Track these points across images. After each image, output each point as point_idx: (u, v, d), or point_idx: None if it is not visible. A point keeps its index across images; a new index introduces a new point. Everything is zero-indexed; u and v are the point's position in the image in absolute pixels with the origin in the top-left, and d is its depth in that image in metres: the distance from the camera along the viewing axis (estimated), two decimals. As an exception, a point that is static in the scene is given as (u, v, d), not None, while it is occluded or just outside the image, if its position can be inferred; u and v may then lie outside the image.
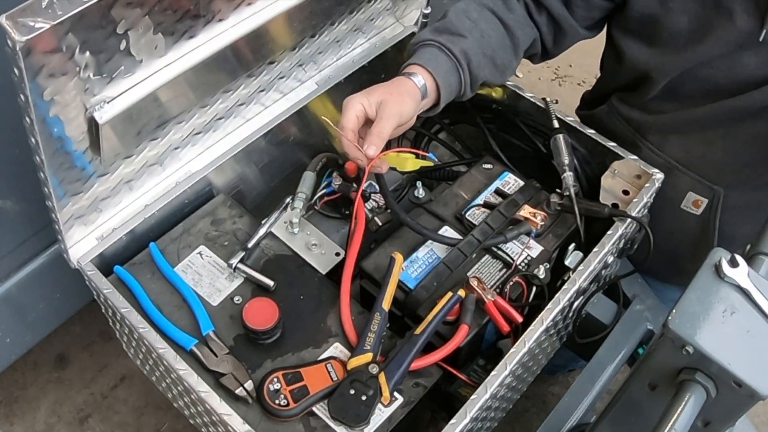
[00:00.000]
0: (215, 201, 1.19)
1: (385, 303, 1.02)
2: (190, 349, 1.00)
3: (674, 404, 0.72)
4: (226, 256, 1.11)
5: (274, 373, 0.97)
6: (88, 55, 0.80)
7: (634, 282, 1.28)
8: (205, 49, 0.96)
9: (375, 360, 0.97)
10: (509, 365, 0.97)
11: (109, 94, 0.88)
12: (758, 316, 0.73)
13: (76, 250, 1.07)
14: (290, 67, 1.24)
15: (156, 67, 0.92)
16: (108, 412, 1.67)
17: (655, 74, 1.16)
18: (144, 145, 1.05)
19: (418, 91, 1.06)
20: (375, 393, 0.94)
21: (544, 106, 1.27)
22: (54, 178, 0.91)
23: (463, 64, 1.10)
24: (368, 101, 1.02)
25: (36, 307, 1.38)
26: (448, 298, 1.02)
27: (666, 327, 0.72)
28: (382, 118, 1.00)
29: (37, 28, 0.69)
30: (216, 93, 1.11)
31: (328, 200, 1.24)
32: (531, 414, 1.68)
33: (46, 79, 0.77)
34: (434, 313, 1.01)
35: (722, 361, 0.71)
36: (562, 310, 1.05)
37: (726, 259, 0.75)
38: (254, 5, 0.99)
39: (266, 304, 1.01)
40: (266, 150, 1.27)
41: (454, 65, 1.10)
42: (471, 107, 1.34)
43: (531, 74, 2.42)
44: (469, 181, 1.20)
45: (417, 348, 0.98)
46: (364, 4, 1.26)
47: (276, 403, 0.94)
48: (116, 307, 1.02)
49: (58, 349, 1.76)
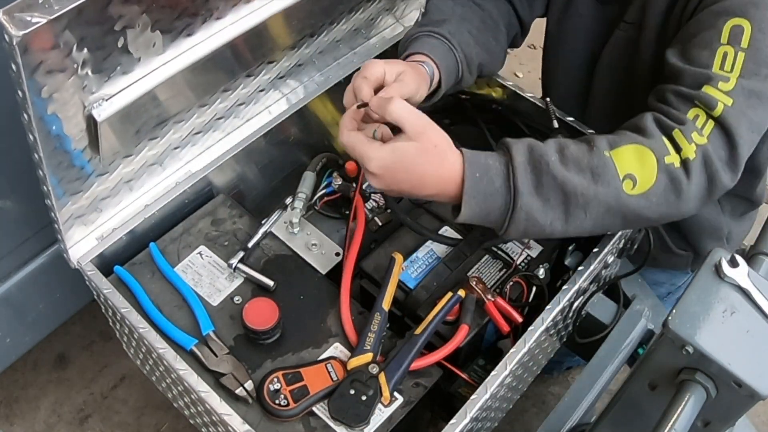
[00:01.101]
0: (215, 201, 1.19)
1: (385, 303, 1.02)
2: (190, 349, 1.00)
3: (674, 404, 0.72)
4: (226, 256, 1.11)
5: (274, 373, 0.96)
6: (85, 52, 0.79)
7: (634, 282, 1.27)
8: (203, 48, 0.95)
9: (375, 360, 0.97)
10: (509, 365, 0.97)
11: (107, 91, 0.88)
12: (758, 316, 0.73)
13: (76, 250, 1.07)
14: (290, 67, 1.24)
15: (154, 65, 0.92)
16: (108, 412, 1.67)
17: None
18: (143, 144, 1.05)
19: (429, 77, 1.08)
20: (375, 393, 0.94)
21: (544, 106, 1.27)
22: (53, 176, 0.91)
23: (454, 42, 1.12)
24: (390, 69, 1.00)
25: (36, 307, 1.38)
26: (448, 298, 1.02)
27: (666, 327, 0.72)
28: (403, 82, 0.99)
29: (34, 22, 0.69)
30: (215, 92, 1.11)
31: (328, 200, 1.24)
32: (531, 414, 1.67)
33: (44, 75, 0.77)
34: (434, 313, 1.00)
35: (722, 361, 0.70)
36: (562, 310, 1.05)
37: (726, 259, 0.75)
38: (252, 3, 0.99)
39: (266, 304, 1.01)
40: (266, 150, 1.27)
41: (448, 47, 1.12)
42: (471, 107, 1.33)
43: (531, 74, 2.42)
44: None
45: (417, 348, 0.98)
46: (364, 4, 1.26)
47: (276, 403, 0.94)
48: (116, 307, 1.02)
49: (58, 349, 1.76)
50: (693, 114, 0.93)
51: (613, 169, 0.90)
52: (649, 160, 0.90)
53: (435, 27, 1.13)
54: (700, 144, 0.91)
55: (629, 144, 0.91)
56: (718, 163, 0.92)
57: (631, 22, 1.18)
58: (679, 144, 0.91)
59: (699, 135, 0.92)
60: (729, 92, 0.93)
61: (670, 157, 0.91)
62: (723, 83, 0.93)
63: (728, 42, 0.95)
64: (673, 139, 0.92)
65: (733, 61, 0.94)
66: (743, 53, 0.94)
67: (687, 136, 0.91)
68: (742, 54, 0.94)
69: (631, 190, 0.90)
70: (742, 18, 0.95)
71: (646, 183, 0.90)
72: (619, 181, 0.89)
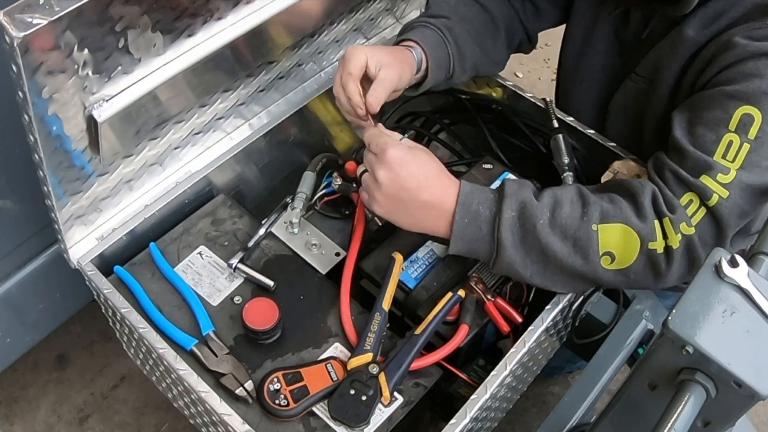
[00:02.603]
0: (215, 201, 1.19)
1: (385, 303, 1.02)
2: (190, 349, 1.00)
3: (674, 404, 0.72)
4: (226, 256, 1.11)
5: (274, 373, 0.97)
6: (86, 52, 0.80)
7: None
8: (203, 48, 0.95)
9: (375, 360, 0.97)
10: (509, 365, 0.97)
11: (107, 92, 0.88)
12: (758, 316, 0.73)
13: (76, 250, 1.07)
14: (290, 67, 1.24)
15: (155, 65, 0.92)
16: (108, 412, 1.67)
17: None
18: (144, 144, 1.05)
19: (415, 62, 1.11)
20: (375, 393, 0.94)
21: (544, 106, 1.27)
22: (53, 176, 0.91)
23: (448, 37, 1.15)
24: (372, 57, 1.04)
25: (36, 307, 1.38)
26: (448, 298, 1.02)
27: (666, 327, 0.72)
28: (384, 80, 1.04)
29: (35, 24, 0.69)
30: (216, 93, 1.11)
31: (328, 200, 1.24)
32: (531, 414, 1.67)
33: (45, 76, 0.77)
34: (434, 313, 1.00)
35: (722, 361, 0.70)
36: (562, 310, 1.05)
37: (726, 259, 0.74)
38: (253, 4, 0.99)
39: (266, 304, 1.01)
40: (266, 150, 1.27)
41: (442, 39, 1.14)
42: (471, 107, 1.33)
43: (531, 74, 2.42)
44: (469, 181, 1.20)
45: (417, 348, 0.98)
46: (363, 4, 1.26)
47: (276, 404, 0.94)
48: (116, 307, 1.02)
49: (58, 349, 1.76)
50: (687, 199, 0.94)
51: (596, 244, 0.92)
52: (633, 243, 0.92)
53: (433, 20, 1.15)
54: (686, 234, 0.92)
55: (619, 223, 0.93)
56: (701, 249, 0.93)
57: (642, 76, 1.17)
58: (667, 232, 0.92)
59: (687, 225, 0.92)
60: (726, 185, 0.92)
61: (655, 243, 0.92)
62: (722, 175, 0.92)
63: (736, 130, 0.93)
64: (662, 225, 0.93)
65: (737, 152, 0.92)
66: (749, 145, 0.92)
67: (675, 226, 0.92)
68: (747, 146, 0.92)
69: (609, 265, 0.93)
70: (754, 107, 0.92)
71: (625, 261, 0.93)
72: (597, 257, 0.93)
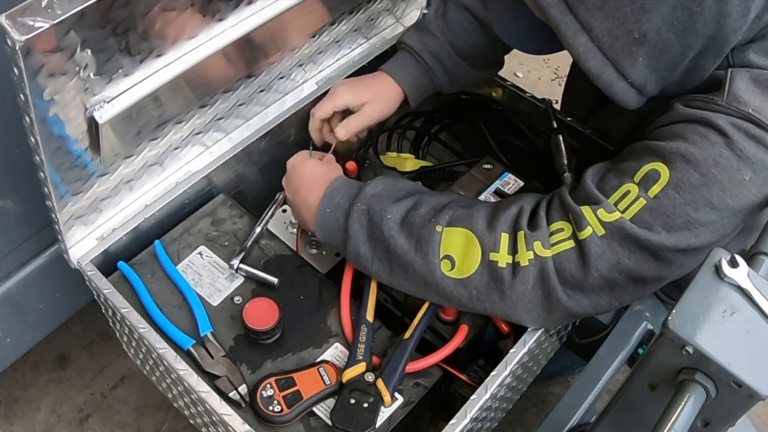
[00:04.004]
0: (215, 201, 1.19)
1: (369, 315, 1.03)
2: (187, 350, 1.00)
3: (674, 404, 0.72)
4: (226, 256, 1.11)
5: (266, 379, 0.97)
6: (87, 54, 0.79)
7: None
8: (204, 49, 0.95)
9: (369, 368, 0.97)
10: (509, 365, 0.97)
11: (108, 93, 0.88)
12: (758, 316, 0.73)
13: (76, 250, 1.07)
14: (290, 67, 1.24)
15: (156, 66, 0.92)
16: (108, 412, 1.66)
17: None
18: (144, 145, 1.05)
19: (400, 91, 1.18)
20: (376, 399, 0.94)
21: (544, 106, 1.27)
22: (54, 177, 0.91)
23: (434, 68, 1.18)
24: (354, 99, 1.15)
25: (36, 307, 1.38)
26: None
27: (666, 327, 0.72)
28: (363, 115, 1.15)
29: (37, 27, 0.69)
30: (216, 93, 1.11)
31: (328, 200, 1.24)
32: (531, 414, 1.67)
33: (46, 78, 0.77)
34: (420, 315, 1.01)
35: (722, 361, 0.70)
36: (562, 310, 1.05)
37: (726, 259, 0.74)
38: (254, 5, 0.99)
39: (266, 305, 1.01)
40: (266, 150, 1.27)
41: (424, 69, 1.18)
42: (471, 107, 1.34)
43: (531, 74, 2.42)
44: (469, 181, 1.20)
45: (409, 351, 0.98)
46: (364, 4, 1.26)
47: (269, 410, 0.94)
48: (116, 307, 1.02)
49: (58, 349, 1.75)
50: (558, 226, 0.89)
51: (437, 245, 0.92)
52: (474, 250, 0.91)
53: (419, 45, 1.18)
54: (540, 255, 0.88)
55: (464, 228, 0.92)
56: (557, 282, 0.88)
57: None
58: (517, 247, 0.89)
59: (543, 247, 0.89)
60: (605, 223, 0.86)
61: (497, 254, 0.90)
62: (605, 212, 0.86)
63: (639, 182, 0.86)
64: (515, 239, 0.90)
65: (630, 203, 0.86)
66: (645, 201, 0.85)
67: (529, 242, 0.89)
68: (643, 201, 0.85)
69: (449, 272, 0.92)
70: (664, 165, 0.85)
71: (465, 270, 0.91)
72: (437, 259, 0.92)
